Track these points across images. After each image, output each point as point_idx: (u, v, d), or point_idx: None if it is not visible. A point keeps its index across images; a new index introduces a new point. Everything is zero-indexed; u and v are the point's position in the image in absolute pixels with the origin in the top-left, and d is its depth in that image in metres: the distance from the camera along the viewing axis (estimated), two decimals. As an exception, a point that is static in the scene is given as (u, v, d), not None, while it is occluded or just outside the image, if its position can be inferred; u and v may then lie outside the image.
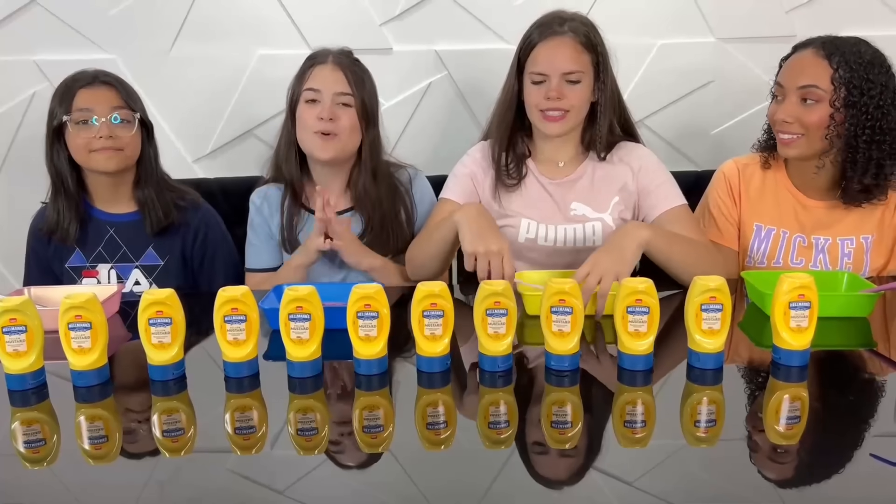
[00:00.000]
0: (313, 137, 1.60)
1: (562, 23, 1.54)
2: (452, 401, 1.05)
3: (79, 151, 1.59)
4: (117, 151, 1.58)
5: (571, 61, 1.52)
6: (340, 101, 1.60)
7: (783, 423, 0.98)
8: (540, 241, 1.62)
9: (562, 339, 1.08)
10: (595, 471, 0.87)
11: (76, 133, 1.57)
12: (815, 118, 1.50)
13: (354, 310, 1.07)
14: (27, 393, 1.07)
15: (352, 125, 1.61)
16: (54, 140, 1.59)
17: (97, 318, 1.06)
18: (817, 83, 1.50)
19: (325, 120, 1.58)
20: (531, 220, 1.62)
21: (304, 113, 1.61)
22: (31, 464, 0.92)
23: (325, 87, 1.59)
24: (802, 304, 1.06)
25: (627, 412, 1.02)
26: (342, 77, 1.61)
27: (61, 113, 1.57)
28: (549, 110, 1.53)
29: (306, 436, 0.97)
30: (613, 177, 1.62)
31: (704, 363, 1.08)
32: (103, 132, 1.57)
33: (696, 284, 1.07)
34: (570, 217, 1.62)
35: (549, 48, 1.53)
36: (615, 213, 1.61)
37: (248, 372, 1.10)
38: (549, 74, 1.52)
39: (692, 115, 2.17)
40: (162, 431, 0.98)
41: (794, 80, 1.53)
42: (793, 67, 1.55)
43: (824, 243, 1.59)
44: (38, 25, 2.05)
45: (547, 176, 1.64)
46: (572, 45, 1.52)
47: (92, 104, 1.58)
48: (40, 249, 1.68)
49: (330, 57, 1.63)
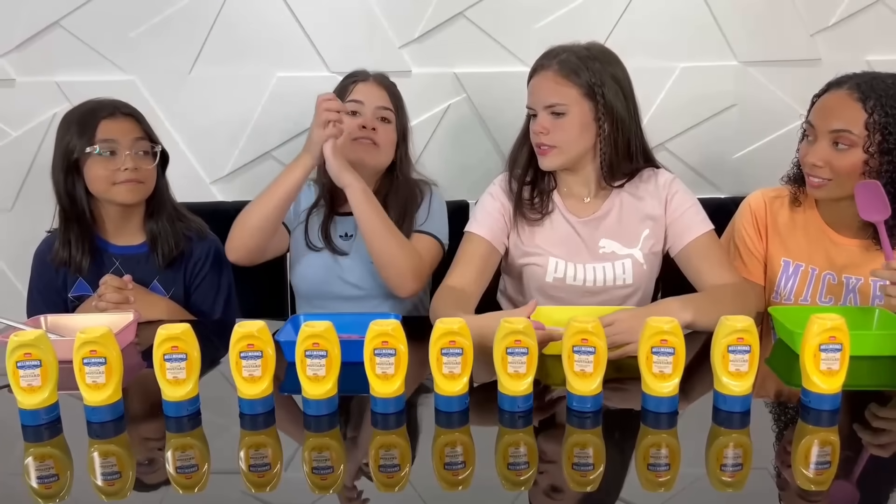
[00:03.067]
0: (354, 145, 1.66)
1: (553, 56, 1.52)
2: (471, 440, 1.03)
3: (100, 183, 1.57)
4: (139, 184, 1.58)
5: (551, 93, 1.50)
6: (381, 115, 1.69)
7: (812, 469, 0.95)
8: (569, 280, 1.58)
9: (584, 379, 1.05)
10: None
11: (99, 165, 1.56)
12: (847, 164, 1.44)
13: (371, 347, 1.05)
14: (41, 428, 1.06)
15: (389, 140, 1.70)
16: (70, 171, 1.57)
17: (112, 353, 1.04)
18: (850, 128, 1.43)
19: (367, 129, 1.66)
20: (559, 259, 1.58)
21: (344, 122, 1.61)
22: (44, 500, 0.91)
23: (368, 101, 1.68)
24: (834, 346, 1.03)
25: (651, 455, 0.99)
26: (385, 94, 1.70)
27: (83, 144, 1.55)
28: (539, 145, 1.54)
29: (321, 474, 0.95)
30: (640, 208, 1.58)
31: (731, 406, 1.05)
32: (129, 164, 1.56)
33: (722, 325, 1.04)
34: (600, 255, 1.58)
35: (535, 82, 1.54)
36: (646, 248, 1.57)
37: (263, 409, 1.08)
38: (535, 107, 1.53)
39: (714, 139, 2.14)
40: (175, 468, 0.97)
41: (826, 123, 1.46)
42: (825, 109, 1.49)
43: (855, 283, 1.54)
44: (60, 47, 2.07)
45: (574, 213, 1.60)
46: (553, 77, 1.50)
47: (116, 135, 1.57)
48: (47, 277, 1.66)
49: (371, 76, 1.73)
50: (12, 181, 2.16)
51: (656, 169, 1.61)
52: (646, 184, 1.59)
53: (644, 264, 1.57)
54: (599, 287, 1.58)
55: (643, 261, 1.57)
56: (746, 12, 2.06)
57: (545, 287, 1.59)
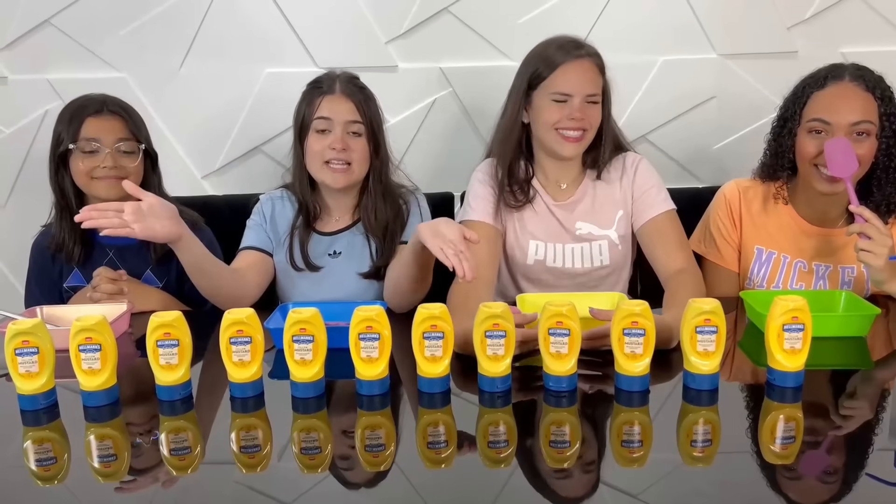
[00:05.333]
0: (324, 168, 1.62)
1: (580, 46, 1.57)
2: (453, 420, 1.07)
3: (81, 177, 1.62)
4: (119, 180, 1.59)
5: (593, 84, 1.56)
6: (351, 129, 1.62)
7: (778, 444, 0.99)
8: (549, 262, 1.64)
9: (559, 360, 1.10)
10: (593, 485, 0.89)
11: (81, 160, 1.61)
12: (867, 151, 1.48)
13: (356, 332, 1.09)
14: (39, 413, 1.09)
15: (363, 154, 1.63)
16: (59, 163, 1.63)
17: (107, 340, 1.08)
18: (869, 118, 1.47)
19: (337, 150, 1.60)
20: (539, 241, 1.64)
21: (314, 143, 1.62)
22: (43, 481, 0.94)
23: (336, 117, 1.61)
24: (796, 326, 1.08)
25: (625, 432, 1.04)
26: (352, 107, 1.62)
27: (68, 140, 1.60)
28: (567, 129, 1.55)
29: (310, 454, 0.99)
30: (612, 192, 1.65)
31: (700, 384, 1.10)
32: (108, 162, 1.60)
33: (690, 307, 1.09)
34: (577, 237, 1.64)
35: (573, 69, 1.55)
36: (621, 229, 1.63)
37: (253, 392, 1.12)
38: (574, 94, 1.54)
39: (694, 131, 2.18)
40: (169, 450, 1.01)
41: (845, 117, 1.48)
42: (838, 102, 1.50)
43: (825, 270, 1.59)
44: (51, 45, 2.09)
45: (552, 197, 1.66)
46: (592, 68, 1.56)
47: (98, 134, 1.61)
48: (45, 267, 1.71)
49: (337, 85, 1.63)
50: (5, 178, 2.18)
51: (625, 152, 1.68)
52: (615, 166, 1.66)
53: (619, 245, 1.63)
54: (578, 269, 1.63)
55: (618, 242, 1.63)
56: (725, 6, 2.10)
57: (526, 270, 1.65)
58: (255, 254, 1.67)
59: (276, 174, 2.10)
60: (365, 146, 1.63)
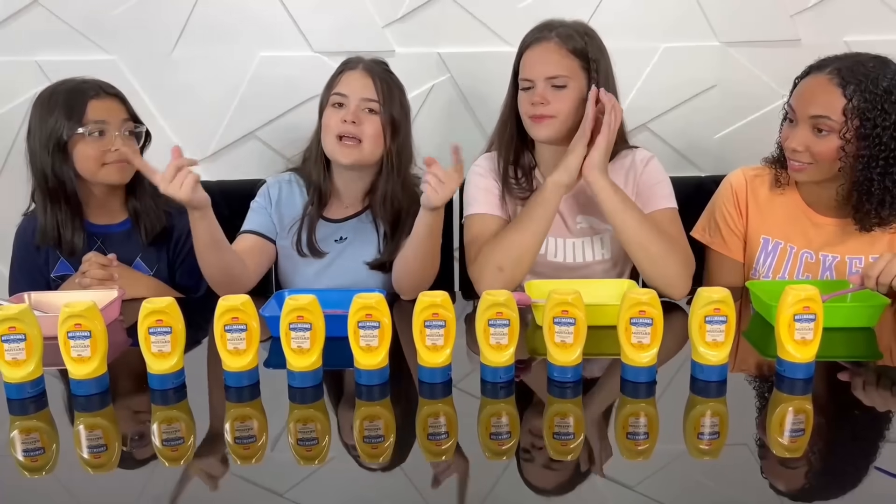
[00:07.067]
0: (335, 141, 1.59)
1: (550, 29, 1.53)
2: (454, 411, 1.04)
3: (89, 163, 1.56)
4: (127, 164, 1.57)
5: (555, 65, 1.51)
6: (366, 106, 1.58)
7: (787, 436, 0.97)
8: (549, 256, 1.61)
9: (564, 350, 1.07)
10: (597, 477, 0.87)
11: (88, 146, 1.55)
12: (826, 149, 1.45)
13: (355, 320, 1.06)
14: (26, 401, 1.06)
15: (375, 132, 1.58)
16: (57, 152, 1.56)
17: (97, 326, 1.05)
18: (829, 114, 1.44)
19: (348, 122, 1.56)
20: None
21: (329, 117, 1.60)
22: (30, 472, 0.92)
23: (352, 92, 1.58)
24: (807, 316, 1.05)
25: (630, 424, 1.02)
26: (370, 83, 1.59)
27: (72, 125, 1.54)
28: (534, 116, 1.53)
29: (307, 446, 0.97)
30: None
31: (708, 375, 1.07)
32: (118, 145, 1.56)
33: (700, 296, 1.06)
34: (577, 230, 1.61)
35: (534, 54, 1.53)
36: None
37: (249, 381, 1.09)
38: (534, 79, 1.52)
39: (695, 119, 2.16)
40: (161, 441, 0.98)
41: (806, 108, 1.47)
42: (805, 94, 1.49)
43: (832, 261, 1.57)
44: (40, 26, 2.04)
45: None
46: (556, 49, 1.51)
47: (105, 116, 1.57)
48: (29, 257, 1.66)
49: (361, 64, 1.62)
50: (-8, 162, 2.14)
51: (634, 148, 1.64)
52: (623, 161, 1.62)
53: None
54: (579, 262, 1.60)
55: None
56: (728, -7, 2.08)
57: None
58: (255, 238, 1.64)
59: (271, 160, 2.06)
60: (378, 125, 1.59)
